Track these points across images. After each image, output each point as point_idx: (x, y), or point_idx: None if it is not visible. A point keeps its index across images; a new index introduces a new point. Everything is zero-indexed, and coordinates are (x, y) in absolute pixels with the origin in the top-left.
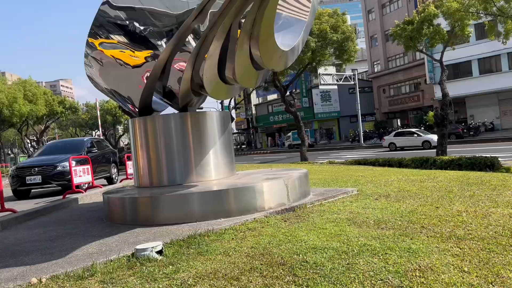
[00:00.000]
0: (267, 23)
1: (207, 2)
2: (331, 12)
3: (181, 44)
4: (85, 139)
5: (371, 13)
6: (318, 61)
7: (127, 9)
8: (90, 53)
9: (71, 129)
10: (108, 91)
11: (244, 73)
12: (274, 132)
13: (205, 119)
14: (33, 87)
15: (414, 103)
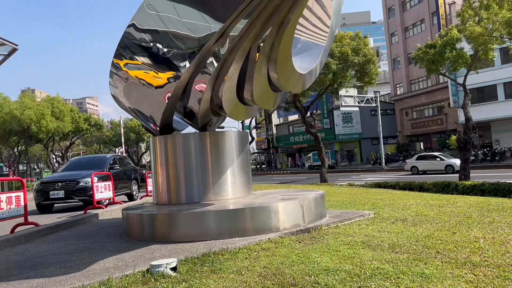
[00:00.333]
0: (285, 47)
1: (228, 26)
2: (352, 35)
3: (202, 66)
4: (107, 156)
5: (394, 36)
6: (339, 83)
7: (151, 32)
8: (115, 73)
9: (95, 146)
10: (131, 110)
11: (262, 95)
12: (295, 152)
13: (223, 138)
14: (60, 104)
15: (437, 126)
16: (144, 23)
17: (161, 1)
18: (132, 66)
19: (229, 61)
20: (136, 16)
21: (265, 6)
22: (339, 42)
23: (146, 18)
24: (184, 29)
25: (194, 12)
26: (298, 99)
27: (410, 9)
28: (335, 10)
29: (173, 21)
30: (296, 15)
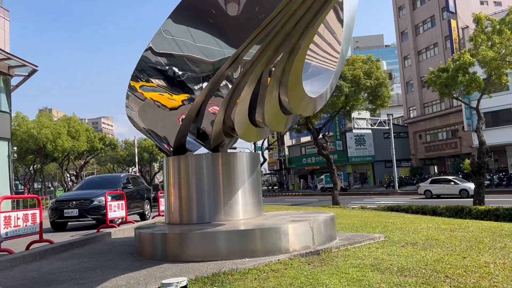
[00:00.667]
0: (296, 72)
1: (241, 52)
2: (365, 59)
3: (215, 89)
4: (121, 175)
5: (407, 59)
6: (352, 106)
7: (167, 56)
8: (131, 95)
9: (109, 165)
10: (146, 130)
11: (273, 118)
12: (307, 174)
13: (235, 159)
14: (76, 123)
15: (451, 150)
16: (160, 47)
17: (177, 27)
18: (147, 88)
19: (241, 85)
20: (153, 41)
21: (276, 33)
22: (351, 66)
23: (163, 42)
24: (199, 54)
25: (209, 37)
26: (310, 120)
27: (423, 33)
28: (346, 36)
29: (189, 45)
30: (307, 42)
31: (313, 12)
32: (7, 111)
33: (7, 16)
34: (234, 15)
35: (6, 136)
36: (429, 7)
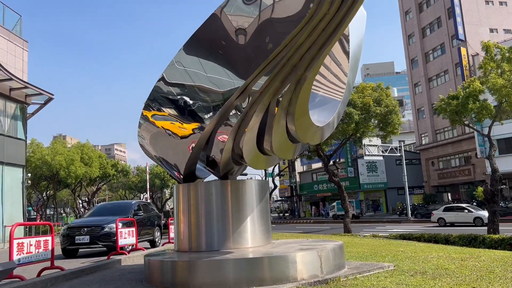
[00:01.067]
0: (302, 103)
1: (249, 83)
2: (374, 86)
3: (224, 119)
4: (132, 202)
5: (418, 86)
6: (362, 132)
7: (179, 86)
8: (143, 124)
9: (121, 191)
10: (157, 158)
11: (280, 146)
12: (319, 201)
13: (244, 187)
14: (89, 150)
15: (465, 177)
16: (172, 78)
17: (189, 58)
18: (159, 117)
19: (249, 114)
20: (166, 71)
21: (283, 65)
22: (361, 93)
23: (175, 73)
24: (210, 84)
25: (219, 68)
26: (321, 147)
27: (433, 60)
28: (352, 66)
29: (200, 76)
30: (313, 73)
31: (318, 45)
32: (22, 138)
33: (26, 47)
34: (242, 43)
35: (21, 163)
36: (438, 35)
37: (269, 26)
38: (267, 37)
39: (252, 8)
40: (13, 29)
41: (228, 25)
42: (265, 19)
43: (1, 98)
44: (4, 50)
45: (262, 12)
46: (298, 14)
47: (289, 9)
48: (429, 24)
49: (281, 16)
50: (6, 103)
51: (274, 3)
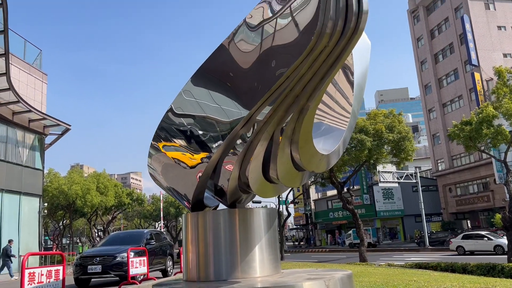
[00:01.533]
0: (305, 132)
1: (254, 113)
2: (386, 113)
3: (230, 148)
4: (145, 231)
5: (432, 112)
6: (376, 159)
7: (187, 116)
8: (154, 155)
9: (136, 220)
10: (167, 188)
11: (286, 174)
12: (334, 229)
13: (252, 215)
14: (105, 179)
15: (484, 203)
16: (181, 108)
17: (196, 89)
18: (169, 147)
19: (254, 143)
20: (174, 102)
21: (286, 95)
22: (373, 120)
23: (183, 103)
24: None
25: (227, 99)
26: (334, 174)
27: (446, 86)
28: (356, 95)
29: (208, 106)
30: (315, 103)
31: (319, 76)
32: (40, 168)
33: (45, 80)
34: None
35: (38, 192)
36: (451, 60)
37: (272, 55)
38: (271, 66)
39: (255, 35)
40: (33, 63)
41: (234, 55)
42: (267, 48)
43: (20, 129)
44: (24, 83)
45: (264, 40)
46: (297, 44)
47: (288, 39)
48: (442, 50)
49: (282, 45)
50: (25, 134)
51: (275, 32)
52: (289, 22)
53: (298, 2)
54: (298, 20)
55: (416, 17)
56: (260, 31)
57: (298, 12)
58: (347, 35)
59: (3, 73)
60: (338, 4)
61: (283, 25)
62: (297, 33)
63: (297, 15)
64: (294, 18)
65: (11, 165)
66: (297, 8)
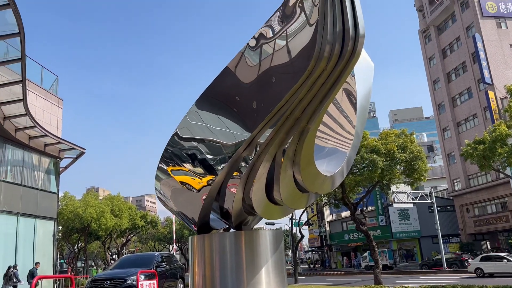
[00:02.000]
0: (307, 153)
1: (255, 135)
2: (398, 133)
3: (234, 170)
4: (155, 254)
5: (446, 131)
6: (389, 179)
7: (193, 140)
8: (162, 179)
9: (150, 243)
10: (176, 212)
11: (289, 196)
12: (350, 251)
13: (258, 238)
14: (119, 202)
15: (503, 224)
16: (187, 131)
17: (202, 112)
18: (177, 171)
19: (257, 165)
20: (180, 125)
21: (287, 118)
22: (384, 140)
23: (189, 126)
24: (222, 137)
25: (230, 122)
26: (347, 195)
27: (460, 104)
28: (360, 116)
29: (213, 130)
30: (315, 125)
31: (318, 99)
32: (55, 192)
33: (61, 105)
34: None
35: (53, 216)
36: (464, 79)
37: (270, 76)
38: (271, 87)
39: (255, 56)
40: (49, 89)
41: (237, 77)
42: (266, 69)
43: (36, 153)
44: (41, 108)
45: (263, 61)
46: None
47: (285, 60)
48: (454, 69)
49: (280, 66)
50: (41, 158)
51: (273, 52)
52: (286, 44)
53: (295, 25)
54: (295, 43)
55: (428, 36)
56: (259, 51)
57: (295, 36)
58: (345, 58)
59: (20, 99)
60: (335, 28)
61: (281, 46)
62: (293, 56)
63: (294, 38)
64: (291, 41)
65: (27, 188)
66: (295, 31)
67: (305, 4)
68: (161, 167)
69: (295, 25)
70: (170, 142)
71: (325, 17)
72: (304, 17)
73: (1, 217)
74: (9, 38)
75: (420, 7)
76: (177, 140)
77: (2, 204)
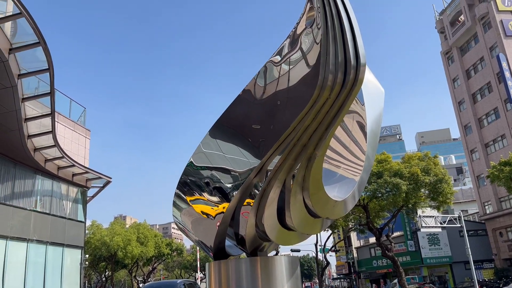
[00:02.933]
0: (315, 179)
1: (265, 162)
2: (421, 156)
3: (246, 196)
4: (178, 282)
5: (474, 153)
6: (414, 203)
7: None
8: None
9: (176, 271)
10: (196, 241)
11: (301, 221)
12: (379, 278)
13: (274, 264)
14: (145, 230)
15: None
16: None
17: (216, 141)
18: (194, 200)
19: (267, 191)
20: (194, 154)
21: (294, 144)
22: (407, 163)
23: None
24: (235, 165)
25: (242, 150)
26: (371, 220)
27: (487, 125)
28: (370, 142)
29: (227, 158)
30: (322, 151)
31: (324, 126)
32: (82, 220)
33: (88, 135)
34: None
35: (80, 244)
36: (490, 99)
37: (277, 104)
38: (279, 115)
39: (263, 84)
40: (77, 120)
41: (248, 105)
42: (273, 96)
43: (64, 183)
44: (69, 139)
45: (271, 89)
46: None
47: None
48: (479, 90)
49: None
50: (69, 187)
51: (279, 79)
52: (289, 70)
53: (298, 54)
54: (299, 72)
55: (450, 58)
56: (267, 79)
57: (297, 63)
58: (347, 87)
59: (49, 131)
60: (337, 59)
61: (286, 74)
62: (297, 84)
63: (297, 67)
64: (295, 70)
65: (55, 218)
66: (298, 59)
67: (309, 36)
68: (178, 194)
69: (297, 54)
70: (186, 170)
71: (327, 48)
72: (309, 47)
73: (31, 246)
74: (40, 74)
75: (442, 29)
76: (192, 169)
77: (32, 233)
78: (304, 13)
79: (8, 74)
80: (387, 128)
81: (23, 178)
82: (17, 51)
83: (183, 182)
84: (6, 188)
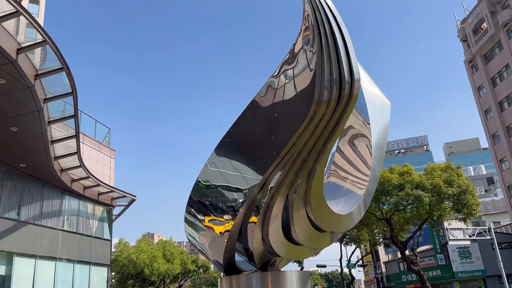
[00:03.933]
0: (317, 193)
1: (267, 178)
2: (444, 167)
3: (251, 212)
4: None
5: (504, 162)
6: (439, 216)
7: (215, 186)
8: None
9: None
10: (213, 261)
11: (307, 235)
12: None
13: (284, 279)
14: (171, 247)
15: None
16: (209, 179)
17: (221, 159)
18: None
19: (271, 206)
20: (201, 174)
21: (294, 160)
22: (429, 175)
23: (210, 175)
24: (239, 182)
25: (245, 167)
26: (395, 234)
27: None
28: (376, 156)
29: (231, 176)
30: (321, 166)
31: (322, 141)
32: (108, 239)
33: (113, 155)
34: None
35: (106, 262)
36: None
37: (277, 121)
38: (278, 132)
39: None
40: (102, 141)
41: (251, 123)
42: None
43: (90, 202)
44: (94, 159)
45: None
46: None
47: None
48: (506, 97)
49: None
50: (95, 206)
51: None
52: (285, 86)
53: (296, 72)
54: (295, 88)
55: (474, 66)
56: (267, 97)
57: (295, 81)
58: (343, 102)
59: (75, 152)
60: (332, 76)
61: (285, 93)
62: (296, 101)
63: (294, 83)
64: (291, 85)
65: (82, 236)
66: (296, 76)
67: (305, 55)
68: (189, 211)
69: (296, 70)
70: (194, 190)
71: (322, 65)
72: (305, 65)
73: (60, 265)
74: (64, 98)
75: (464, 37)
76: (200, 189)
77: (60, 252)
78: (300, 32)
79: (34, 99)
80: (414, 139)
81: (51, 198)
82: (42, 77)
83: (192, 200)
84: (35, 208)
